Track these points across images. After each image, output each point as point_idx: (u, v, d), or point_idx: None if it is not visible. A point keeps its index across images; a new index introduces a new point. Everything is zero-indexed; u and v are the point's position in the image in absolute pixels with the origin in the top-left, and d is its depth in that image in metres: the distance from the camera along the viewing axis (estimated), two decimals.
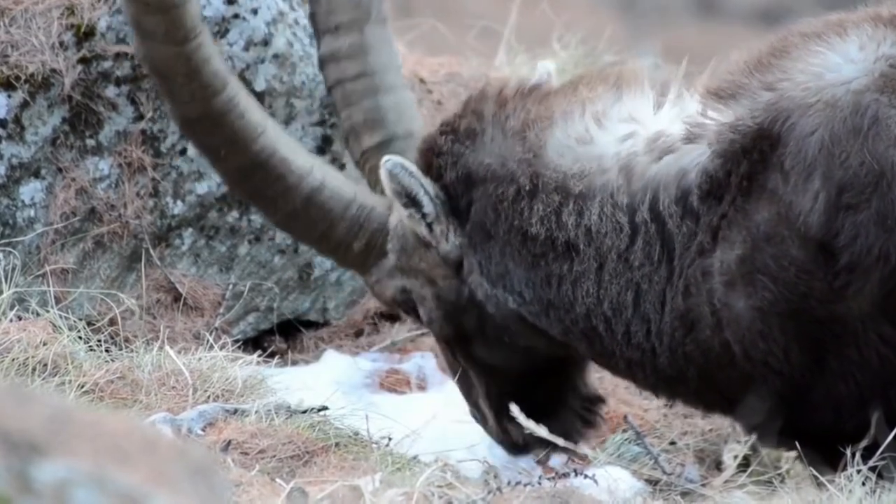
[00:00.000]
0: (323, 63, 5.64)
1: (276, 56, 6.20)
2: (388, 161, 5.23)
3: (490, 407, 5.48)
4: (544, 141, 5.16)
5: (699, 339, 5.03)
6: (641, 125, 5.11)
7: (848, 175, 4.83)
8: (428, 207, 5.26)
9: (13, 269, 5.86)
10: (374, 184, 5.45)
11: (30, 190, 5.99)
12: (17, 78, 5.94)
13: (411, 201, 5.26)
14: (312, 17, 5.66)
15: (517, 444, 5.48)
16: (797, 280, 4.89)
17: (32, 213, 6.00)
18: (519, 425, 4.90)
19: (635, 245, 5.06)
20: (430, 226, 5.29)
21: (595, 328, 5.14)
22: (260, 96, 6.18)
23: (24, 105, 5.95)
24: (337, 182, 5.47)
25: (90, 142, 6.05)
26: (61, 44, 5.99)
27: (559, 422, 5.49)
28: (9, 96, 5.94)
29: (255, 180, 5.43)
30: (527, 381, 5.47)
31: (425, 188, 5.25)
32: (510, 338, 5.31)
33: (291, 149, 5.44)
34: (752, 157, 4.93)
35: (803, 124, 4.90)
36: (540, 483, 4.99)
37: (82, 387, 5.27)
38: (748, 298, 4.92)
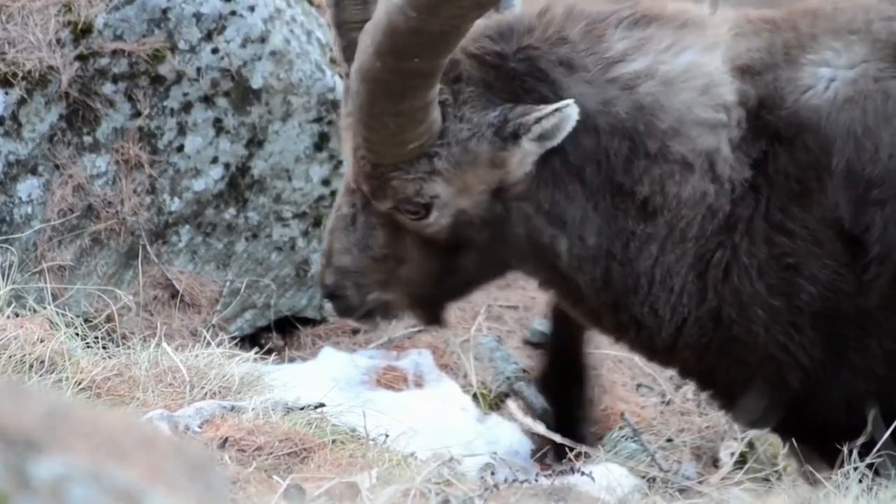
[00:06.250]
0: None
1: (273, 53, 6.20)
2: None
3: (416, 288, 5.21)
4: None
5: (724, 333, 4.96)
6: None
7: (878, 169, 4.81)
8: (535, 134, 4.91)
9: (10, 265, 5.86)
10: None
11: (27, 187, 5.99)
12: (15, 75, 5.94)
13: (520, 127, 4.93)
14: None
15: (391, 314, 5.31)
16: (835, 276, 4.85)
17: (30, 209, 5.99)
18: (430, 309, 5.09)
19: (706, 220, 4.96)
20: (508, 150, 4.97)
21: (636, 289, 5.01)
22: (257, 93, 6.18)
23: (22, 102, 5.95)
24: None
25: (87, 139, 6.05)
26: (58, 41, 5.99)
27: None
28: (6, 93, 5.94)
29: None
30: (468, 286, 5.30)
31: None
32: (511, 262, 5.14)
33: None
34: (792, 155, 4.87)
35: (841, 119, 4.84)
36: (537, 480, 4.99)
37: (79, 383, 5.27)
38: (786, 298, 4.88)
